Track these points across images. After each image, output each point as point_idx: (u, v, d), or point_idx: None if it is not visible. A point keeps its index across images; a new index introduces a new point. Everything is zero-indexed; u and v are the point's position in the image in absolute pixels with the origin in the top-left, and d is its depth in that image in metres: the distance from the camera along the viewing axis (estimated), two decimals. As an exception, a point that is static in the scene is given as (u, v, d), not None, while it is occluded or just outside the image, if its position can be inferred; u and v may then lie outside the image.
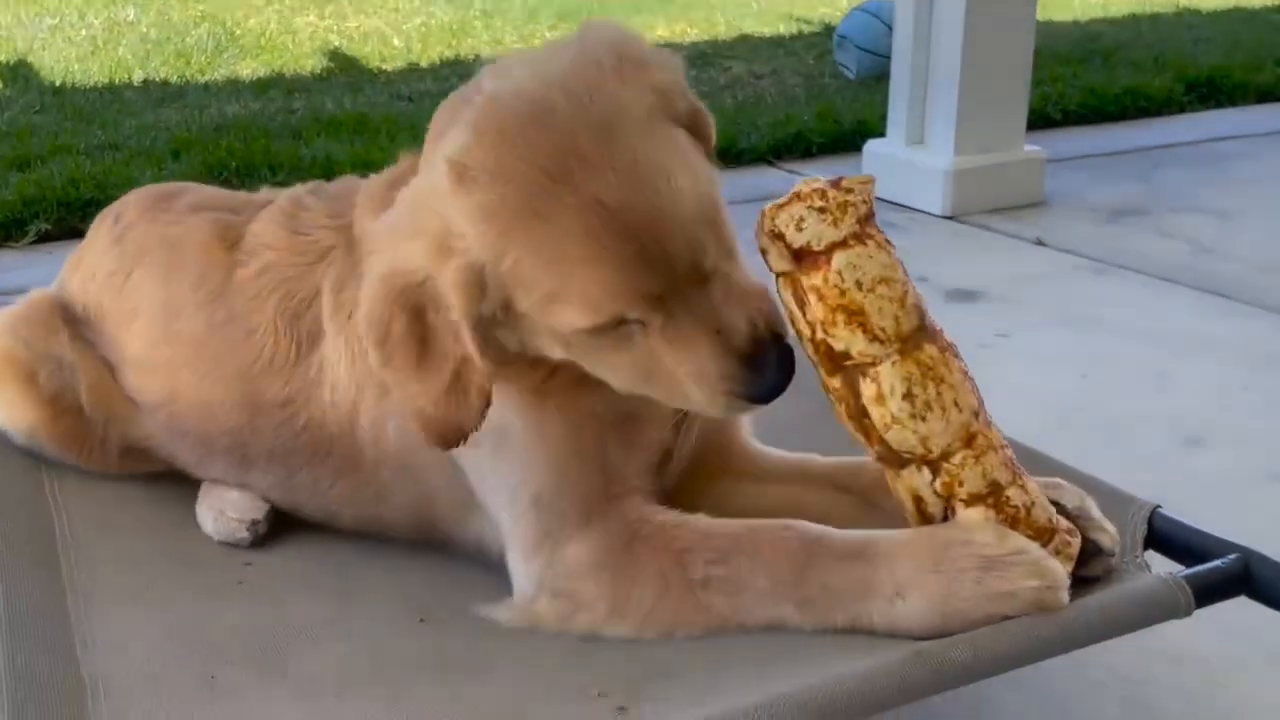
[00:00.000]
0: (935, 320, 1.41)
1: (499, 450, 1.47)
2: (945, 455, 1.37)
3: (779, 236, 1.36)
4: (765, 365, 1.32)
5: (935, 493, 1.39)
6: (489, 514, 1.53)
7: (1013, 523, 1.37)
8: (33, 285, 2.13)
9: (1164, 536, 1.60)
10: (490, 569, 1.55)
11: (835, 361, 1.37)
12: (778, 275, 1.40)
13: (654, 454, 1.52)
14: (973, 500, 1.37)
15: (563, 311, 1.31)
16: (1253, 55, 7.12)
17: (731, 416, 1.50)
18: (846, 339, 1.35)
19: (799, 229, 1.35)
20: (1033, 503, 1.39)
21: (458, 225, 1.31)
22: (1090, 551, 1.45)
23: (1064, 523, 1.42)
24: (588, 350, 1.35)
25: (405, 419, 1.43)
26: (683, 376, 1.33)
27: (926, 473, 1.39)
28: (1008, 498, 1.38)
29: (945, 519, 1.39)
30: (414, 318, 1.34)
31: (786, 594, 1.37)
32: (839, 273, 1.34)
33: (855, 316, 1.34)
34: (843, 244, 1.35)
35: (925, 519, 1.41)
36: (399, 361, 1.35)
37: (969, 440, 1.38)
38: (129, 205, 1.87)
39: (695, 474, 1.61)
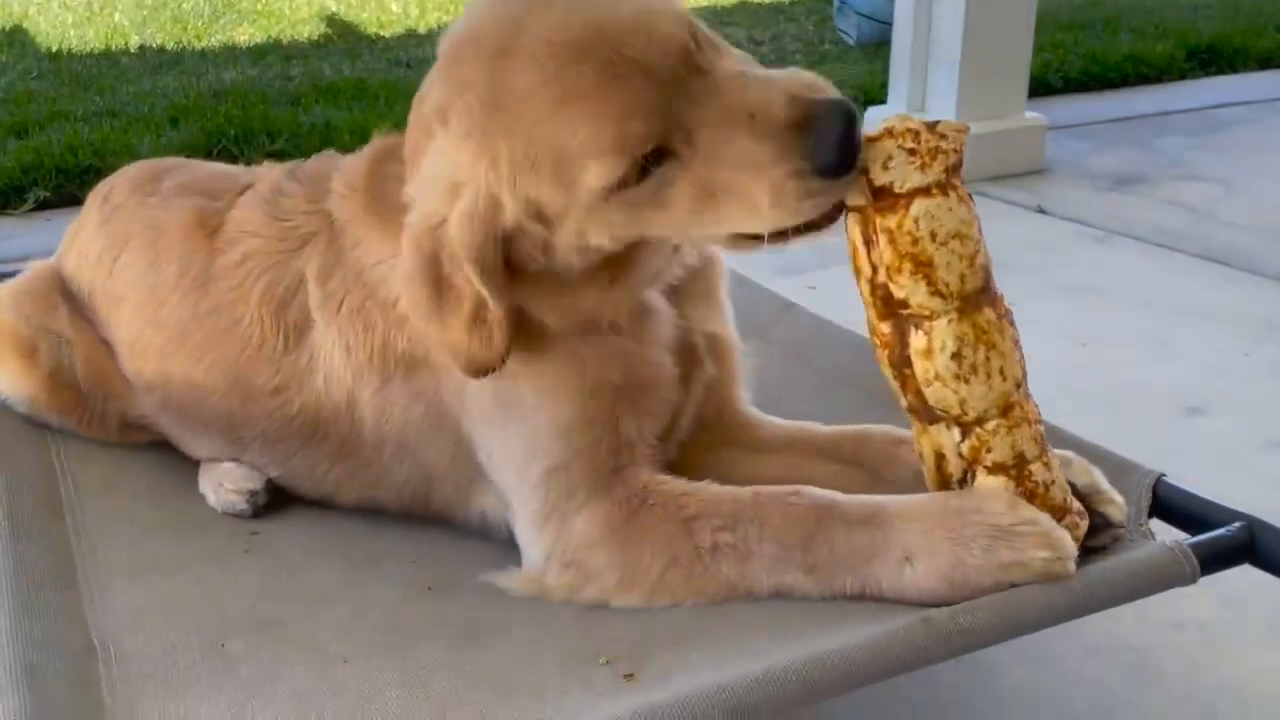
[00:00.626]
0: (997, 285, 1.38)
1: (508, 424, 1.47)
2: (979, 420, 1.36)
3: (862, 170, 1.31)
4: (820, 122, 1.22)
5: (960, 454, 1.38)
6: (496, 488, 1.52)
7: (1030, 497, 1.37)
8: (32, 253, 2.14)
9: (1168, 504, 1.61)
10: (497, 540, 1.56)
11: (890, 307, 1.34)
12: (848, 208, 1.34)
13: (663, 421, 1.52)
14: (996, 469, 1.37)
15: (583, 175, 1.26)
16: (1253, 21, 7.09)
17: (811, 223, 1.32)
18: (909, 288, 1.32)
19: (885, 167, 1.29)
20: (1053, 481, 1.39)
21: (455, 160, 1.32)
22: (1099, 524, 1.45)
23: (1076, 504, 1.42)
24: (633, 217, 1.31)
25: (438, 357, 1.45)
26: (740, 188, 1.24)
27: (956, 433, 1.38)
28: (1030, 472, 1.37)
29: (963, 481, 1.39)
30: (430, 263, 1.36)
31: (795, 559, 1.38)
32: (916, 220, 1.29)
33: (922, 268, 1.31)
34: (925, 191, 1.30)
35: (943, 478, 1.41)
36: (421, 307, 1.38)
37: (1006, 410, 1.37)
38: (118, 184, 1.87)
39: (695, 444, 1.61)
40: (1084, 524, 1.42)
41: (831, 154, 1.22)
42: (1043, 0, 4.60)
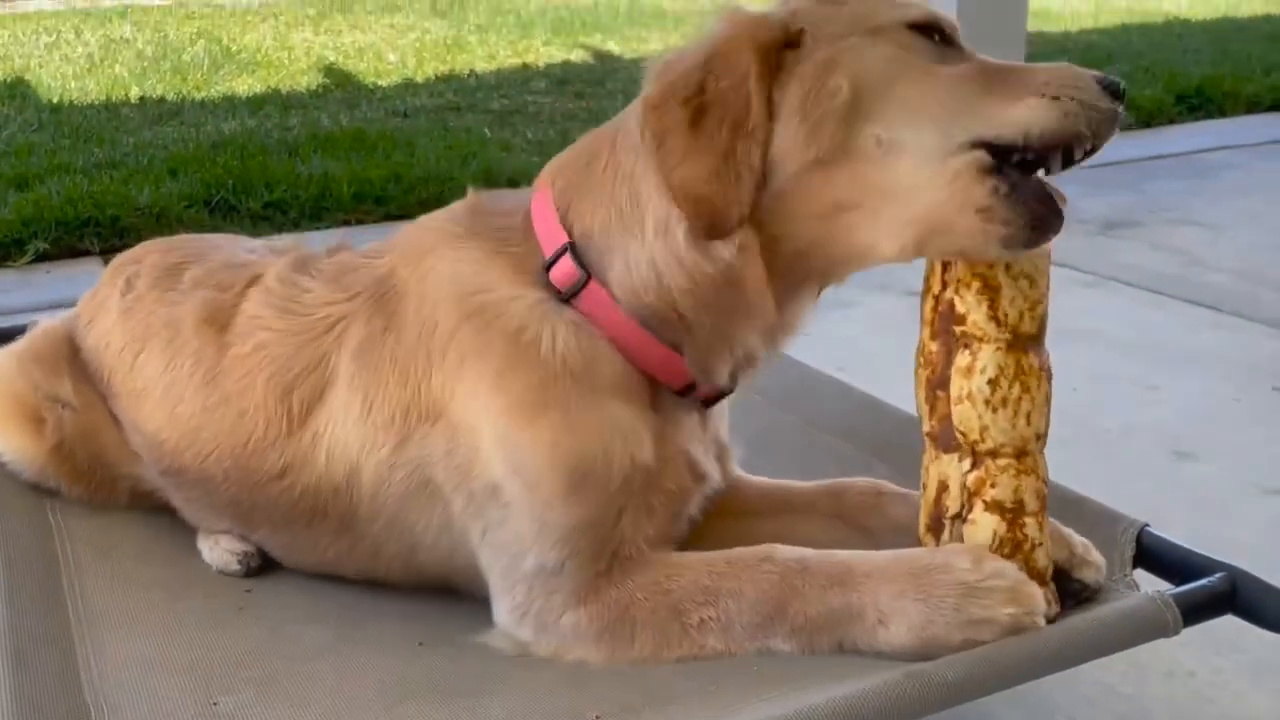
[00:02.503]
0: (1047, 347, 1.44)
1: (512, 504, 1.44)
2: (993, 453, 1.40)
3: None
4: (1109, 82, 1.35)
5: (964, 485, 1.40)
6: (479, 561, 1.51)
7: (1015, 547, 1.39)
8: (30, 305, 2.15)
9: (1152, 554, 1.62)
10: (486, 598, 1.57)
11: (947, 323, 1.40)
12: None
13: (663, 523, 1.50)
14: (993, 507, 1.39)
15: (895, 8, 1.39)
16: (1242, 66, 7.18)
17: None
18: (971, 305, 1.39)
19: None
20: (1041, 544, 1.41)
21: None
22: (1074, 589, 1.47)
23: (1051, 585, 1.43)
24: (910, 58, 1.37)
25: (677, 204, 1.39)
26: (1030, 75, 1.35)
27: (966, 463, 1.41)
28: (1024, 523, 1.39)
29: (956, 517, 1.41)
30: (695, 91, 1.37)
31: (773, 627, 1.39)
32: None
33: (989, 290, 1.38)
34: None
35: (937, 512, 1.43)
36: (672, 138, 1.37)
37: (1020, 454, 1.40)
38: (143, 270, 1.84)
39: None
40: (1055, 607, 1.43)
41: (1112, 79, 1.35)
42: (1032, 44, 4.67)
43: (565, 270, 1.45)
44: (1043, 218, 1.33)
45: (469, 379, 1.45)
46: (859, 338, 3.29)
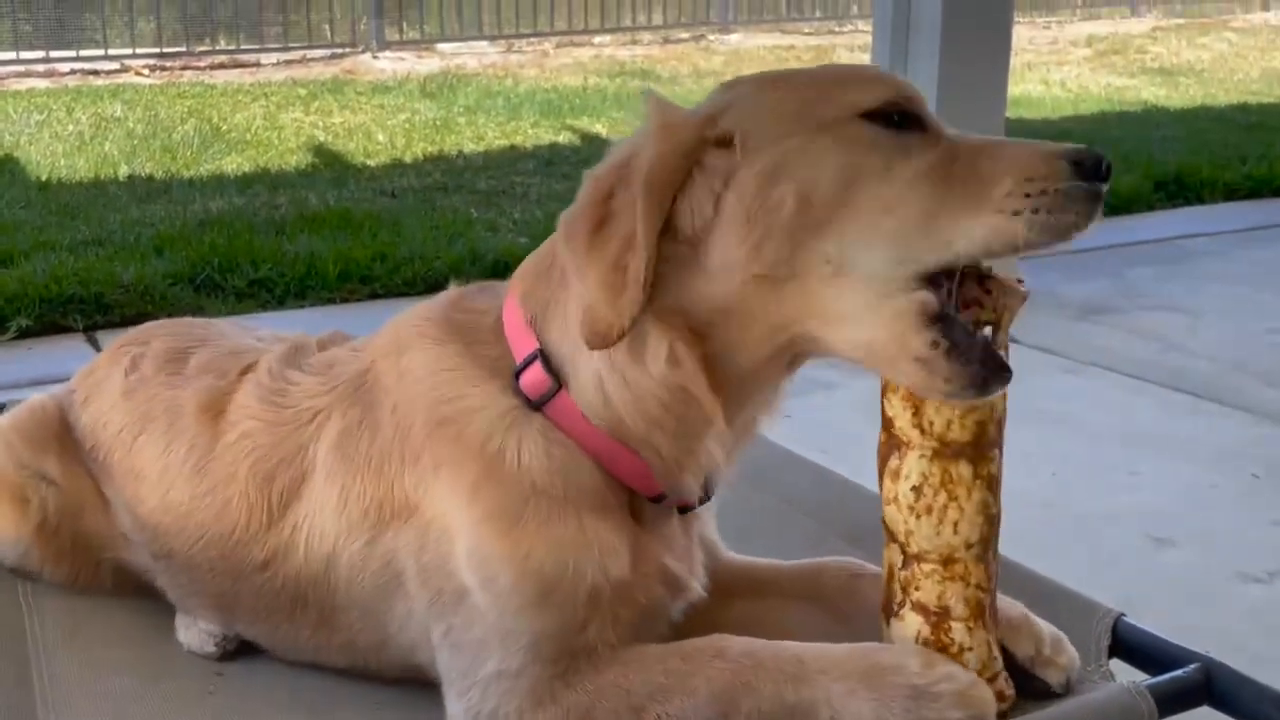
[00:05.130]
0: (998, 454, 1.38)
1: (476, 609, 1.42)
2: (918, 558, 1.39)
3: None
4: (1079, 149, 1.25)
5: (897, 579, 1.41)
6: (439, 667, 1.48)
7: (942, 650, 1.38)
8: (11, 382, 2.13)
9: (1128, 644, 1.61)
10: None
11: (885, 422, 1.40)
12: None
13: (637, 630, 1.45)
14: (918, 609, 1.39)
15: (842, 94, 1.31)
16: (1219, 154, 7.29)
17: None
18: (898, 411, 1.37)
19: None
20: (971, 648, 1.39)
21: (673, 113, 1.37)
22: (1038, 690, 1.46)
23: (1003, 677, 1.42)
24: (864, 161, 1.28)
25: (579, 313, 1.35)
26: (988, 173, 1.25)
27: (900, 558, 1.41)
28: (950, 628, 1.39)
29: (903, 604, 1.41)
30: (602, 199, 1.34)
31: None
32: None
33: (913, 398, 1.35)
34: None
35: (889, 594, 1.43)
36: (577, 241, 1.34)
37: (946, 561, 1.38)
38: (148, 353, 1.82)
39: None
40: (1011, 697, 1.42)
41: (1092, 155, 1.25)
42: (1012, 130, 4.74)
43: (535, 378, 1.43)
44: (984, 379, 1.26)
45: (443, 485, 1.44)
46: (843, 420, 3.30)
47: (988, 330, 1.31)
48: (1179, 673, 1.51)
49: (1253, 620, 2.35)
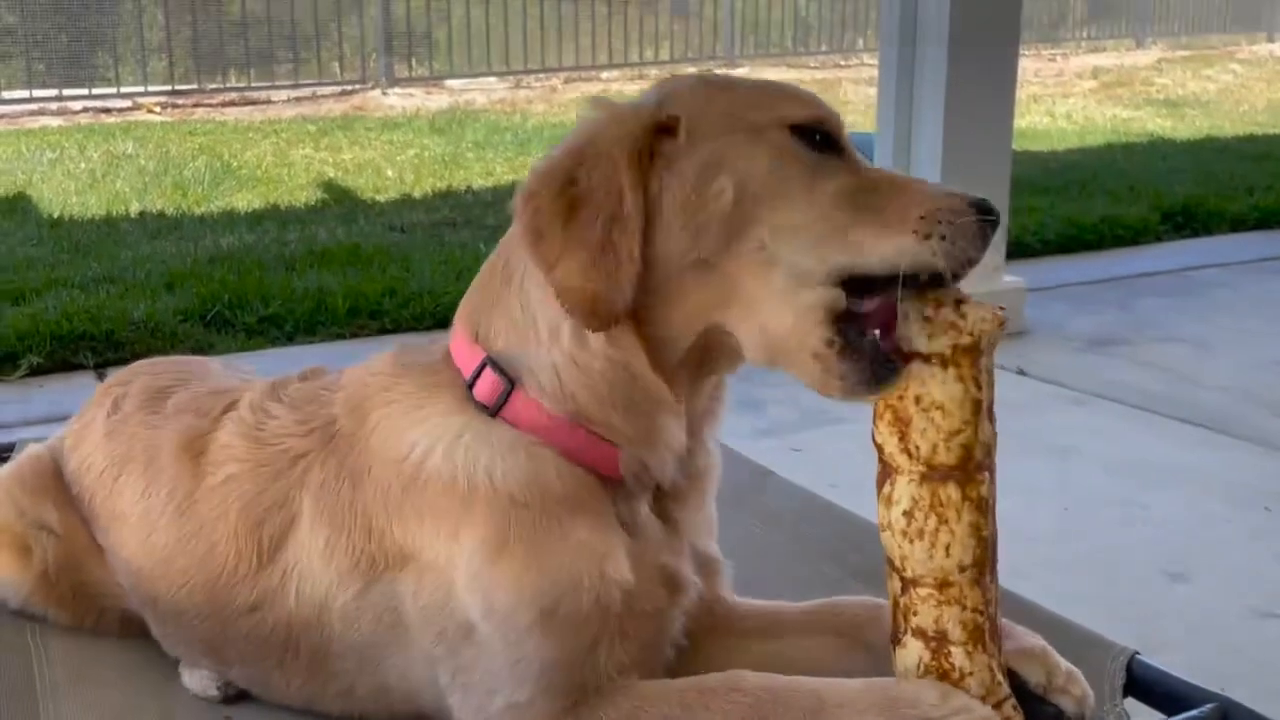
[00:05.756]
0: (988, 476, 1.38)
1: (483, 644, 1.42)
2: (914, 582, 1.39)
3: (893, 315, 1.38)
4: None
5: (898, 607, 1.40)
6: (449, 709, 1.48)
7: (941, 676, 1.38)
8: (22, 420, 2.13)
9: (1143, 683, 1.60)
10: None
11: (876, 450, 1.39)
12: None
13: (645, 646, 1.46)
14: (918, 634, 1.38)
15: (777, 104, 1.40)
16: (1225, 185, 7.29)
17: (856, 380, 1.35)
18: (885, 436, 1.37)
19: (903, 320, 1.36)
20: (972, 673, 1.38)
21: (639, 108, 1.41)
22: (1050, 713, 1.45)
23: (1010, 704, 1.41)
24: (790, 169, 1.36)
25: (557, 299, 1.38)
26: (904, 200, 1.35)
27: (898, 585, 1.40)
28: (949, 652, 1.38)
29: (903, 633, 1.40)
30: (564, 186, 1.36)
31: None
32: (906, 380, 1.35)
33: (899, 423, 1.36)
34: (924, 358, 1.35)
35: (894, 622, 1.43)
36: (549, 233, 1.36)
37: (941, 585, 1.38)
38: (131, 392, 1.83)
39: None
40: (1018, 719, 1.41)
41: (986, 201, 1.37)
42: (1019, 163, 4.76)
43: (488, 384, 1.46)
44: (876, 376, 1.33)
45: (429, 531, 1.45)
46: (852, 454, 3.29)
47: (877, 333, 1.36)
48: (1195, 713, 1.50)
49: (1268, 656, 2.33)
